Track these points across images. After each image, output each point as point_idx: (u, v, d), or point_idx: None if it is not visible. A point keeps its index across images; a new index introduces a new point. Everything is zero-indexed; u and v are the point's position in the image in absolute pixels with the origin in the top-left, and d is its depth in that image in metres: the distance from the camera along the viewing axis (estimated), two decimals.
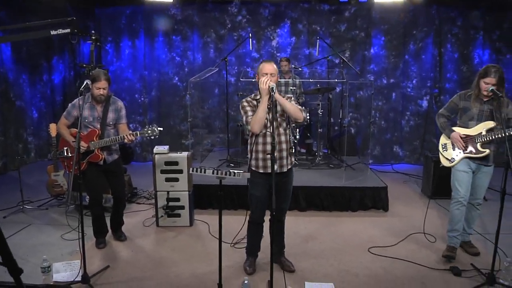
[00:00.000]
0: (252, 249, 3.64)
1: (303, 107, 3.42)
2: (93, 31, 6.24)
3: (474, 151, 3.78)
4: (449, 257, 3.82)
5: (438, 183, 5.47)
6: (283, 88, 6.46)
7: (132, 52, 7.64)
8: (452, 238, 3.92)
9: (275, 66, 3.28)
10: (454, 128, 3.92)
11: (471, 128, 3.80)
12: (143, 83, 7.70)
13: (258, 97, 3.34)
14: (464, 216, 3.92)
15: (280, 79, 6.40)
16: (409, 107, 7.61)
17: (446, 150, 3.98)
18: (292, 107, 3.22)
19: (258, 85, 3.21)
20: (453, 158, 3.89)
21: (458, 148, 3.85)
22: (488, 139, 3.68)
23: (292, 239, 4.23)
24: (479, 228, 4.57)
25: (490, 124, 3.70)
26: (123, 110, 4.05)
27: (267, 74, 3.19)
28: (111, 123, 3.97)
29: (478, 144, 3.76)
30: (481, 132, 3.74)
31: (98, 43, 6.27)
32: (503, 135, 3.51)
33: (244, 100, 3.38)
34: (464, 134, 3.83)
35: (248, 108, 3.31)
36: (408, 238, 4.35)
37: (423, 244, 4.23)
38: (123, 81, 7.68)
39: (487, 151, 3.72)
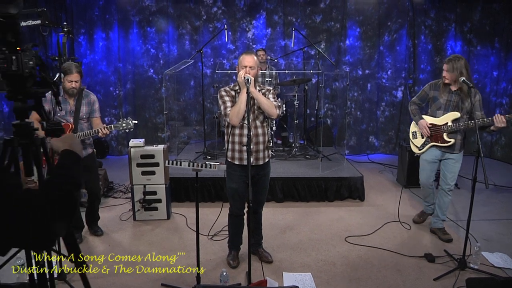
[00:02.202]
0: (234, 242, 3.62)
1: (280, 103, 3.38)
2: (65, 23, 6.06)
3: (440, 140, 3.95)
4: (415, 221, 4.55)
5: (412, 172, 5.61)
6: (259, 80, 6.45)
7: (106, 44, 7.47)
8: (425, 206, 4.47)
9: (255, 58, 3.22)
10: (423, 116, 4.09)
11: (438, 117, 3.96)
12: (117, 75, 7.55)
13: (237, 87, 3.31)
14: (436, 202, 4.18)
15: None
16: (384, 97, 7.72)
17: (416, 138, 4.19)
18: (266, 102, 3.18)
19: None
20: (422, 146, 4.10)
21: (423, 135, 4.05)
22: (453, 129, 3.85)
23: (269, 230, 4.25)
24: (451, 215, 4.71)
25: (456, 115, 3.85)
26: (96, 103, 3.98)
27: (246, 67, 3.16)
28: (84, 117, 3.88)
29: (444, 134, 3.91)
30: (447, 123, 3.89)
31: (70, 35, 6.10)
32: (467, 125, 3.70)
33: (222, 89, 3.32)
34: (431, 124, 4.01)
35: (226, 99, 3.25)
36: (384, 227, 4.43)
37: (398, 232, 4.32)
38: (97, 74, 7.51)
39: (453, 140, 3.89)
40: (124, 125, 3.80)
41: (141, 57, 7.57)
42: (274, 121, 6.11)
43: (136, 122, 3.87)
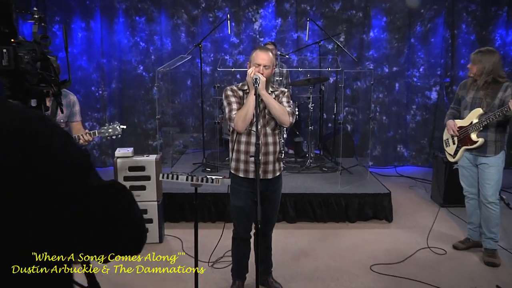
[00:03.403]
0: (239, 270, 3.60)
1: (293, 109, 3.40)
2: (35, 8, 6.11)
3: (469, 142, 4.08)
4: (456, 247, 4.46)
5: (450, 188, 5.53)
6: (271, 78, 6.47)
7: (86, 36, 7.52)
8: (469, 230, 4.47)
9: (271, 55, 3.24)
10: (456, 121, 4.24)
11: (465, 118, 4.14)
12: (100, 73, 7.60)
13: (246, 87, 3.33)
14: (480, 214, 4.25)
15: None
16: (416, 99, 7.70)
17: (448, 146, 4.38)
18: (277, 107, 3.19)
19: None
20: (455, 153, 4.26)
21: (453, 139, 4.24)
22: (480, 127, 3.96)
23: (280, 256, 4.23)
24: (503, 242, 4.55)
25: (479, 111, 3.99)
26: (76, 105, 4.00)
27: (260, 66, 3.18)
28: (62, 121, 3.91)
29: (472, 134, 4.04)
30: (472, 121, 4.04)
31: (42, 24, 6.11)
32: (494, 119, 3.83)
33: (228, 88, 3.34)
34: (458, 127, 4.18)
35: (233, 100, 3.27)
36: (417, 254, 4.40)
37: (435, 260, 4.28)
38: (76, 70, 7.56)
39: (481, 140, 3.99)
40: (110, 130, 3.81)
41: (129, 51, 7.62)
42: (286, 128, 6.12)
43: (124, 127, 3.89)
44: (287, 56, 7.10)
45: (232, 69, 6.88)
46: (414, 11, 7.43)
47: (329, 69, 6.81)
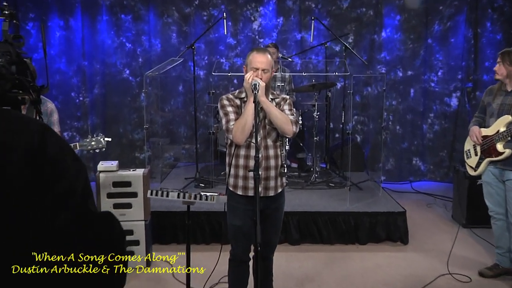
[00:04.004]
0: None
1: (297, 118, 3.41)
2: (5, 3, 6.10)
3: (494, 153, 4.04)
4: (482, 274, 4.39)
5: (474, 206, 5.48)
6: (271, 83, 6.49)
7: (65, 35, 7.53)
8: (497, 255, 4.41)
9: (270, 58, 3.26)
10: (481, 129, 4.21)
11: (490, 126, 4.09)
12: (81, 77, 7.61)
13: (243, 95, 3.35)
14: (510, 238, 4.21)
15: None
16: (433, 106, 7.71)
17: (470, 157, 4.34)
18: (279, 116, 3.20)
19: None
20: (477, 165, 4.20)
21: (475, 148, 4.19)
22: (507, 136, 3.92)
23: (282, 281, 4.23)
24: None
25: (507, 118, 3.94)
26: (54, 114, 3.99)
27: (257, 70, 3.19)
28: None
29: (498, 144, 3.99)
30: (499, 130, 3.98)
31: (14, 21, 6.11)
32: None
33: (224, 97, 3.35)
34: (483, 136, 4.13)
35: (229, 109, 3.28)
36: (437, 281, 4.40)
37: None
38: (54, 74, 7.54)
39: (508, 151, 3.93)
40: (93, 143, 3.83)
41: (114, 53, 7.64)
42: (288, 139, 6.14)
43: (109, 139, 3.90)
44: (289, 59, 7.08)
45: (229, 74, 6.92)
46: (431, 8, 7.45)
47: (337, 73, 6.85)
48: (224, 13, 6.59)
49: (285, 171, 3.47)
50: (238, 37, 7.63)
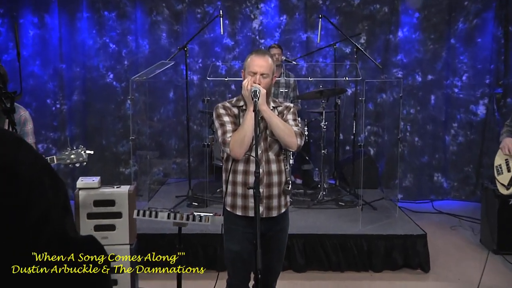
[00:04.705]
0: None
1: (302, 128, 3.42)
2: None
3: None
4: None
5: (506, 229, 5.45)
6: (272, 90, 6.51)
7: (40, 34, 7.52)
8: None
9: (270, 61, 3.27)
10: None
11: None
12: (58, 81, 7.61)
13: (241, 103, 3.36)
14: None
15: None
16: (457, 115, 7.69)
17: (501, 174, 4.25)
18: (282, 126, 3.21)
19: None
20: (510, 183, 4.11)
21: (505, 156, 4.13)
22: None
23: None
24: None
25: None
26: (28, 123, 3.97)
27: (256, 74, 3.20)
28: None
29: None
30: None
31: None
32: None
33: (220, 105, 3.36)
34: None
35: (226, 119, 3.28)
36: None
37: None
38: (27, 78, 7.51)
39: None
40: (73, 156, 3.83)
41: (95, 55, 7.66)
42: (292, 152, 6.13)
43: (91, 152, 3.91)
44: (294, 62, 7.11)
45: (226, 79, 6.92)
46: (455, 3, 7.42)
47: (347, 78, 6.86)
48: (221, 11, 6.61)
49: (289, 188, 3.47)
50: (236, 37, 7.66)
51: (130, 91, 6.23)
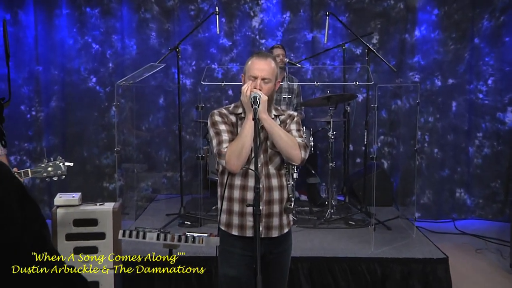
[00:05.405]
0: None
1: (307, 140, 3.43)
2: None
3: None
4: None
5: None
6: (274, 96, 6.53)
7: (13, 32, 7.47)
8: None
9: (273, 64, 3.29)
10: None
11: None
12: (34, 86, 7.60)
13: (239, 110, 3.37)
14: None
15: None
16: (482, 124, 7.67)
17: None
18: (284, 137, 3.21)
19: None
20: None
21: None
22: None
23: None
24: None
25: None
26: None
27: (256, 78, 3.21)
28: None
29: None
30: None
31: None
32: None
33: (216, 112, 3.37)
34: None
35: (223, 127, 3.29)
36: None
37: None
38: None
39: None
40: (50, 169, 3.83)
41: (76, 56, 7.66)
42: (296, 166, 6.13)
43: (70, 164, 3.91)
44: (298, 65, 7.08)
45: (222, 83, 6.93)
46: None
47: (357, 82, 6.86)
48: (217, 7, 6.56)
49: (292, 205, 3.47)
50: (233, 37, 7.68)
51: (115, 97, 6.24)
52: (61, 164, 3.84)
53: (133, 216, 6.56)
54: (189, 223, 6.08)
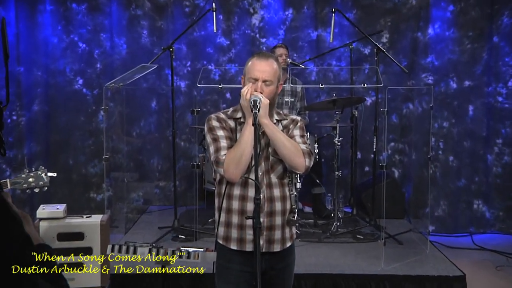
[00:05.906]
0: None
1: (313, 147, 3.43)
2: None
3: None
4: None
5: None
6: (276, 100, 6.54)
7: None
8: None
9: (275, 65, 3.29)
10: None
11: None
12: (15, 88, 7.53)
13: (239, 114, 3.37)
14: None
15: None
16: (502, 130, 7.64)
17: None
18: (287, 144, 3.21)
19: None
20: None
21: None
22: None
23: None
24: None
25: None
26: None
27: (257, 81, 3.21)
28: None
29: None
30: None
31: None
32: None
33: (213, 116, 3.37)
34: None
35: (220, 133, 3.28)
36: None
37: None
38: None
39: None
40: (31, 180, 3.83)
41: (61, 56, 7.65)
42: (299, 175, 6.14)
43: (54, 175, 3.91)
44: (301, 66, 7.09)
45: (220, 85, 6.96)
46: None
47: (365, 84, 6.87)
48: (213, 4, 6.57)
49: (296, 218, 3.46)
50: (232, 35, 7.70)
51: (104, 100, 6.24)
52: (43, 174, 3.83)
53: (123, 230, 6.55)
54: (183, 237, 6.08)
